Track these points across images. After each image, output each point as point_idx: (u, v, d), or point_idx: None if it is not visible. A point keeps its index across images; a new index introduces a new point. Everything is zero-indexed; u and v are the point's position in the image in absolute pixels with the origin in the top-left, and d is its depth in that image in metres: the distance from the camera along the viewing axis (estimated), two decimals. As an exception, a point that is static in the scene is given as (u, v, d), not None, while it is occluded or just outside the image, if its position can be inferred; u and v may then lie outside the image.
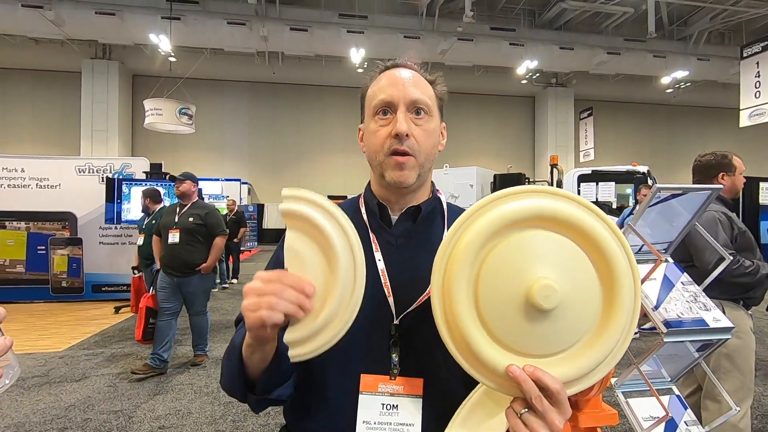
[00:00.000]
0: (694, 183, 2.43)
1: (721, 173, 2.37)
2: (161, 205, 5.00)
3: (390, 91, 0.80)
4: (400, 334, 0.76)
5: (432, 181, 0.92)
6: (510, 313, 0.57)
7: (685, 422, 1.59)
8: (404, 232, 0.84)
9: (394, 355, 0.75)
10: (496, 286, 0.57)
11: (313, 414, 0.79)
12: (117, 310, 6.17)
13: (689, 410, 1.63)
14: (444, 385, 0.58)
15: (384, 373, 0.75)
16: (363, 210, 0.88)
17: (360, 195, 0.92)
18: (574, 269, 0.57)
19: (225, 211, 8.70)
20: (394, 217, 0.86)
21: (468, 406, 0.65)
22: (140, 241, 5.01)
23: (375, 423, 0.73)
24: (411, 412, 0.73)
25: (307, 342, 0.62)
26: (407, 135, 0.77)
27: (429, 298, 0.62)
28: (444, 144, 0.88)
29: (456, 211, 0.89)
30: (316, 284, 0.61)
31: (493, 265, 0.58)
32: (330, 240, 0.62)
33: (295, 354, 0.62)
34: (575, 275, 0.57)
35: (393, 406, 0.74)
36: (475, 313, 0.58)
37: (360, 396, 0.74)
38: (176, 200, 4.13)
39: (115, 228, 6.81)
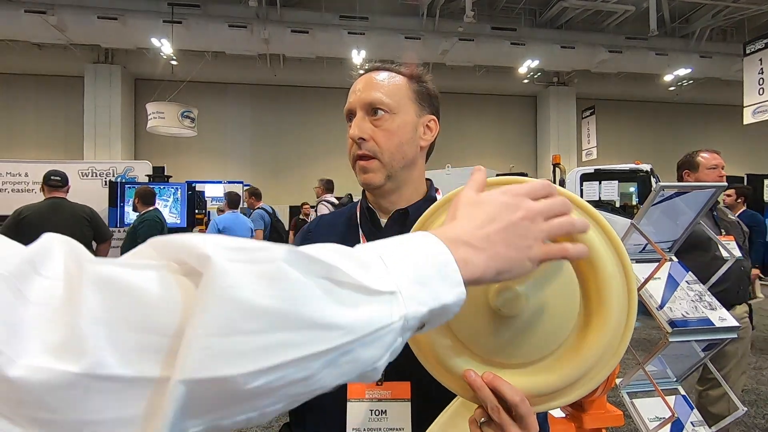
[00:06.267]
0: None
1: (685, 171, 2.42)
2: (151, 208, 4.50)
3: (350, 99, 0.83)
4: None
5: (430, 180, 0.92)
6: (474, 316, 0.52)
7: (691, 423, 1.57)
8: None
9: None
10: None
11: (308, 422, 0.80)
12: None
13: (695, 410, 1.61)
14: (431, 388, 0.57)
15: None
16: (358, 214, 0.89)
17: (359, 200, 0.94)
18: (550, 271, 0.51)
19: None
20: (384, 221, 0.86)
21: (448, 413, 0.62)
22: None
23: (365, 429, 0.73)
24: (400, 417, 0.73)
25: None
26: (362, 138, 0.79)
27: None
28: (428, 139, 0.87)
29: None
30: None
31: None
32: None
33: None
34: (550, 278, 0.51)
35: (381, 411, 0.74)
36: None
37: (348, 403, 0.74)
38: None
39: (119, 231, 6.82)
